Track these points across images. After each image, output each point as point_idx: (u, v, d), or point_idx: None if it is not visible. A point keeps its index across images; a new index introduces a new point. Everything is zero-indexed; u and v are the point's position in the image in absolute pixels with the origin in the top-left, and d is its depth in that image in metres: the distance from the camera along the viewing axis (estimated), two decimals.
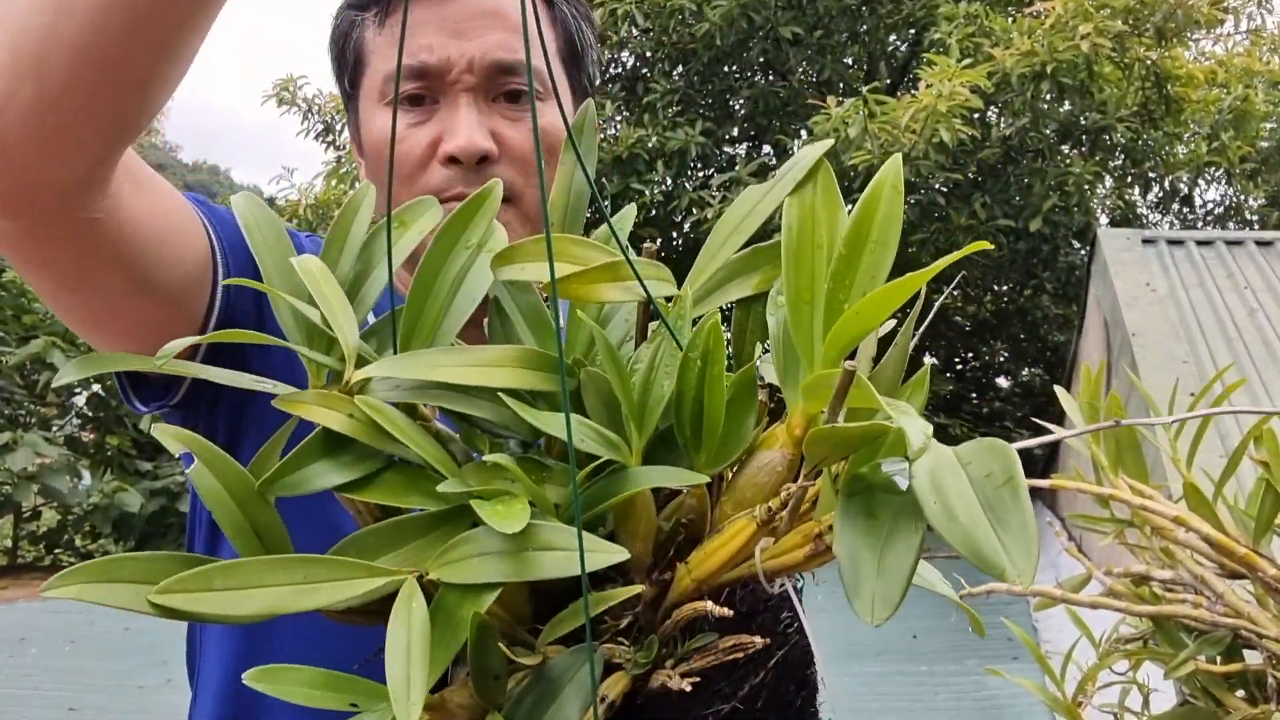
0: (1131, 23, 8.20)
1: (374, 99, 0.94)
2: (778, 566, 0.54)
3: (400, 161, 0.90)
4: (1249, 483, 0.73)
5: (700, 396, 0.54)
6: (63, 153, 0.67)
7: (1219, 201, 11.88)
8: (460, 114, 0.89)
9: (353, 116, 0.99)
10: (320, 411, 0.52)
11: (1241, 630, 0.68)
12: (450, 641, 0.48)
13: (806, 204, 0.58)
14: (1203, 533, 0.68)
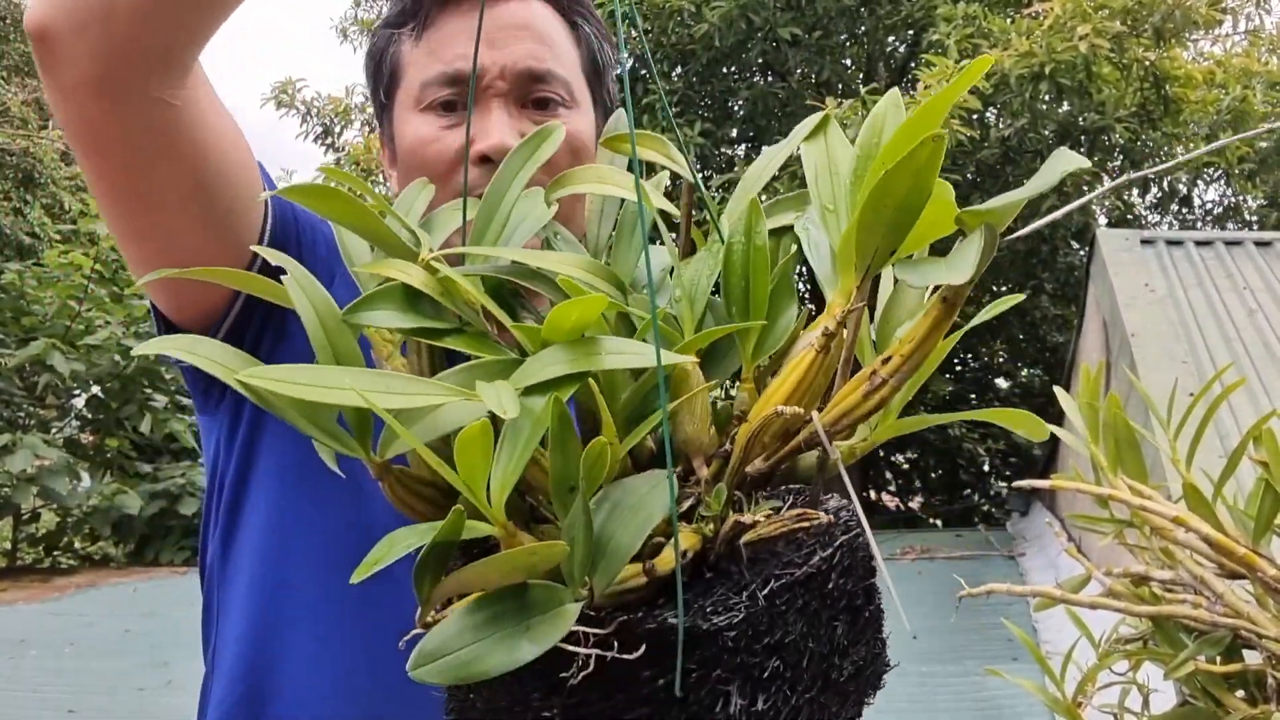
0: (1130, 23, 8.20)
1: (409, 106, 0.99)
2: (839, 414, 0.56)
3: (434, 162, 0.96)
4: (1248, 483, 0.73)
5: (746, 272, 0.60)
6: (164, 24, 0.76)
7: (1217, 202, 11.90)
8: (493, 117, 0.96)
9: (386, 129, 1.04)
10: (401, 271, 0.58)
11: (1241, 630, 0.68)
12: (531, 437, 0.51)
13: (819, 145, 0.68)
14: (1202, 533, 0.68)
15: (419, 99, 0.98)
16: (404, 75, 1.00)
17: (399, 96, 1.01)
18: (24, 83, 21.22)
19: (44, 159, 16.67)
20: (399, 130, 1.01)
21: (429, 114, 0.98)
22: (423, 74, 0.98)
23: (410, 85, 0.99)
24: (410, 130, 0.98)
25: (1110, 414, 0.76)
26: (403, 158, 1.00)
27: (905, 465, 16.23)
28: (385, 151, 1.07)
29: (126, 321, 11.28)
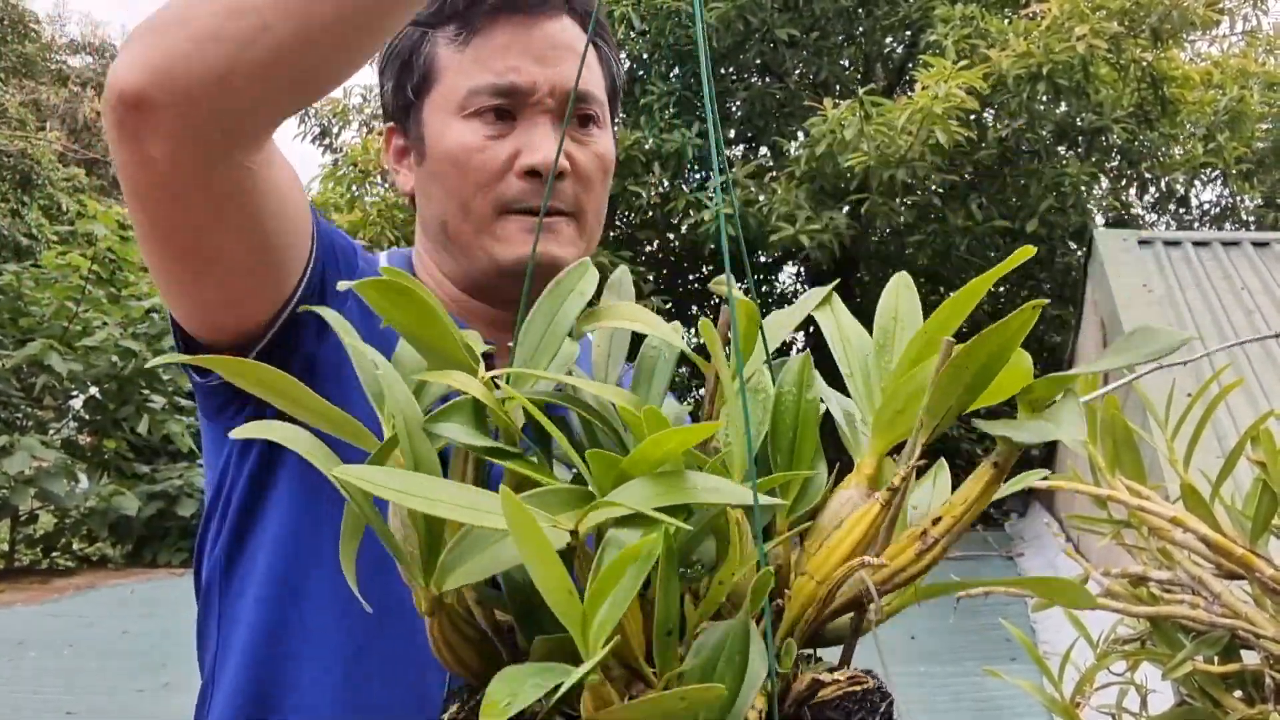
0: (1127, 24, 8.21)
1: (449, 110, 0.99)
2: (891, 572, 0.58)
3: (478, 170, 0.97)
4: (1246, 483, 0.74)
5: (796, 423, 0.63)
6: (280, 96, 0.78)
7: (1215, 202, 11.90)
8: (540, 132, 0.97)
9: (410, 127, 1.03)
10: (466, 385, 0.58)
11: (1239, 630, 0.68)
12: (639, 573, 0.47)
13: (829, 316, 0.74)
14: (1200, 533, 0.68)
15: (463, 105, 0.98)
16: (441, 77, 1.00)
17: (433, 97, 1.00)
18: (21, 84, 21.21)
19: (41, 160, 16.66)
20: (434, 131, 1.00)
21: (473, 121, 0.98)
22: (469, 81, 0.97)
23: (451, 89, 0.99)
24: (454, 136, 0.98)
25: (1108, 415, 0.77)
26: (439, 161, 0.99)
27: None
28: (394, 148, 1.07)
29: (124, 322, 11.26)
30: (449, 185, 0.98)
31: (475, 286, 1.02)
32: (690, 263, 11.78)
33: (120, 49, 0.77)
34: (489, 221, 0.98)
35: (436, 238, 1.03)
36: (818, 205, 8.34)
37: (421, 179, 1.02)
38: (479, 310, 1.03)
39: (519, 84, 0.97)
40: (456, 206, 0.98)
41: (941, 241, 9.09)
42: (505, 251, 0.98)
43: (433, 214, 1.01)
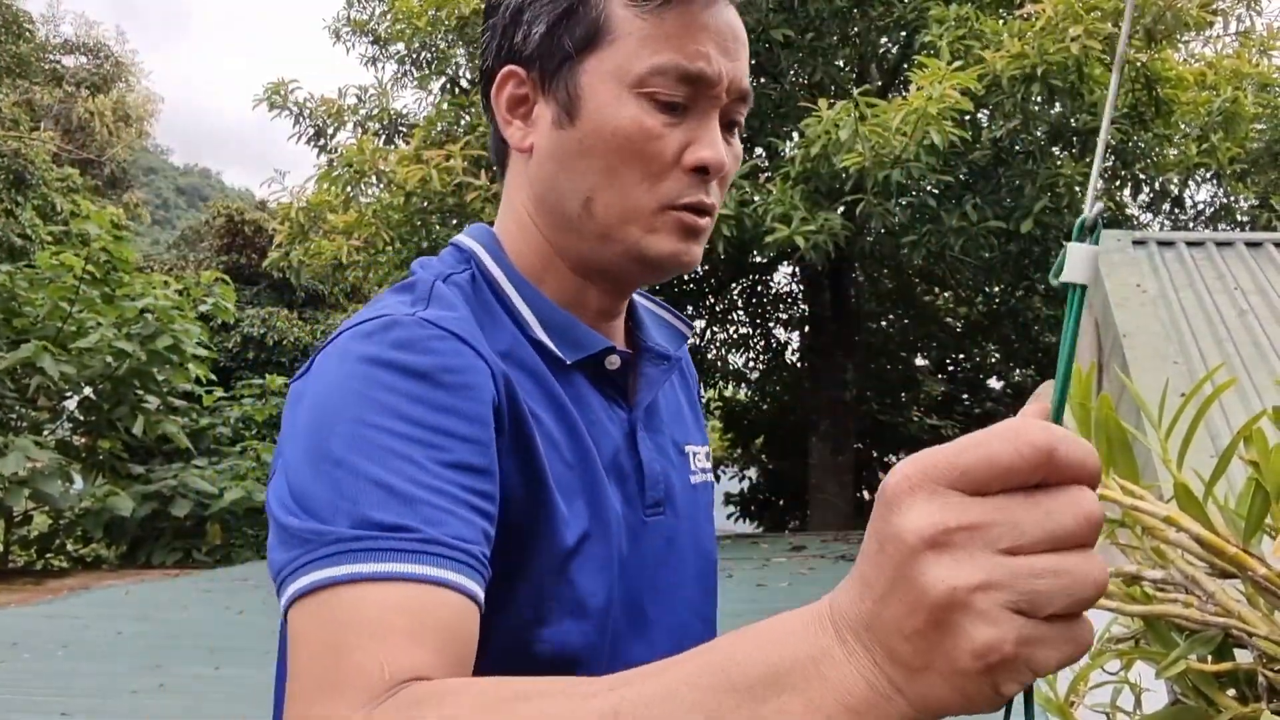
0: (1121, 24, 8.22)
1: (619, 80, 0.89)
2: None
3: (651, 159, 0.89)
4: (1239, 482, 0.74)
5: None
6: None
7: (1209, 202, 11.93)
8: (713, 127, 0.91)
9: (560, 81, 0.91)
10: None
11: (1232, 629, 0.68)
12: None
13: None
14: (1193, 532, 0.69)
15: (639, 80, 0.88)
16: (615, 40, 0.89)
17: (601, 59, 0.89)
18: (15, 84, 21.16)
19: (36, 160, 16.62)
20: (600, 101, 0.89)
21: (646, 102, 0.88)
22: (655, 57, 0.88)
23: (629, 58, 0.88)
24: (629, 114, 0.88)
25: (1102, 414, 0.77)
26: (602, 136, 0.89)
27: None
28: (509, 95, 0.94)
29: (118, 322, 11.24)
30: (609, 165, 0.89)
31: (597, 271, 0.94)
32: None
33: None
34: (647, 214, 0.90)
35: (563, 213, 0.92)
36: (813, 206, 8.34)
37: (563, 146, 0.91)
38: (589, 296, 0.95)
39: (707, 73, 0.89)
40: (615, 191, 0.89)
41: (936, 242, 9.11)
42: (656, 246, 0.90)
43: (572, 188, 0.91)
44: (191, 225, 26.60)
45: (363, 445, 0.74)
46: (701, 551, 1.02)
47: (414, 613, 0.67)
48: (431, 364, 0.79)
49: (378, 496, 0.71)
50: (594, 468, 0.89)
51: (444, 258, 0.95)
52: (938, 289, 14.75)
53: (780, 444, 15.63)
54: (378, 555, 0.69)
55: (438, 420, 0.77)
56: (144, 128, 27.07)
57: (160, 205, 59.66)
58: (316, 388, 0.79)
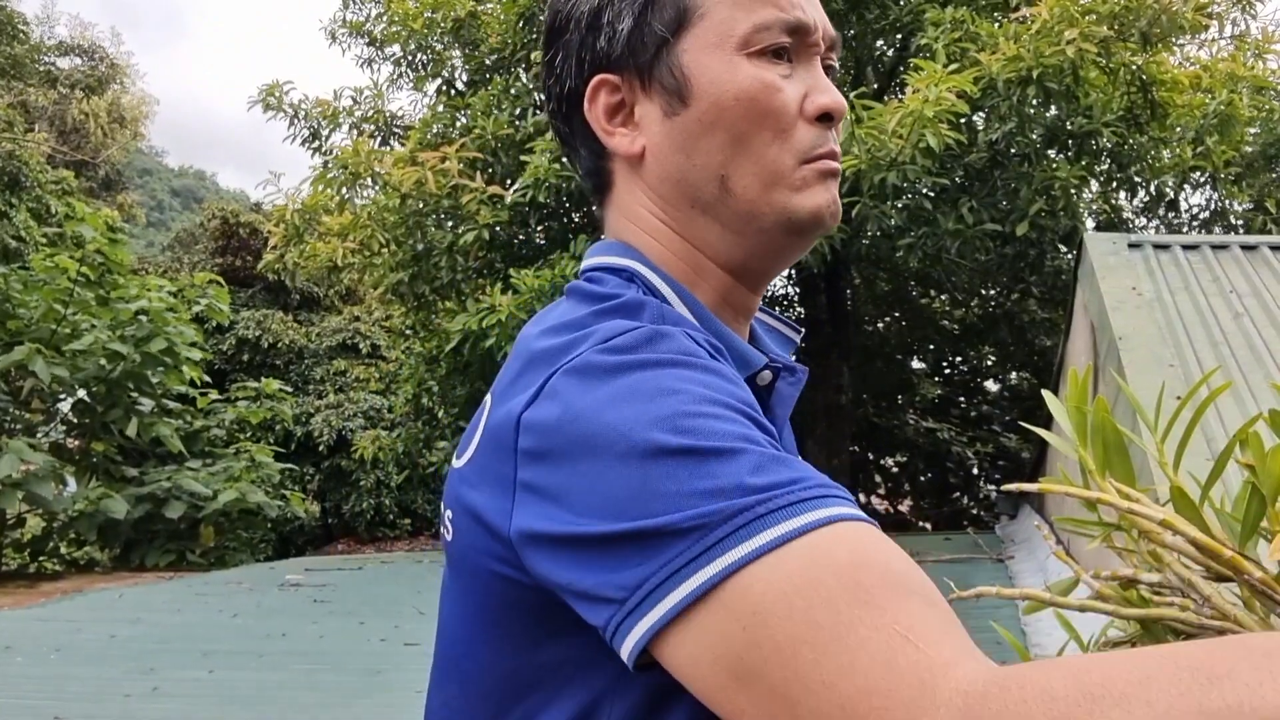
0: (1117, 28, 8.24)
1: (731, 48, 0.86)
2: None
3: (779, 112, 0.86)
4: (1235, 486, 0.74)
5: None
6: None
7: (1204, 206, 11.95)
8: (819, 74, 0.89)
9: (660, 71, 0.88)
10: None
11: (1228, 632, 0.68)
12: None
13: None
14: (1189, 536, 0.68)
15: (746, 40, 0.86)
16: (705, 13, 0.87)
17: (697, 34, 0.87)
18: (9, 85, 21.14)
19: (30, 162, 16.59)
20: (713, 72, 0.86)
21: (758, 59, 0.86)
22: (753, 15, 0.86)
23: (727, 24, 0.86)
24: (747, 74, 0.85)
25: (1098, 417, 0.76)
26: (725, 105, 0.86)
27: (894, 469, 16.28)
28: (604, 106, 0.90)
29: (113, 325, 11.22)
30: (737, 133, 0.85)
31: (744, 259, 0.89)
32: None
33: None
34: (789, 173, 0.86)
35: (700, 201, 0.87)
36: None
37: (683, 131, 0.87)
38: (736, 296, 0.91)
39: (806, 22, 0.87)
40: (751, 159, 0.85)
41: (932, 244, 9.11)
42: (808, 203, 0.86)
43: (703, 171, 0.87)
44: (186, 227, 26.55)
45: (702, 429, 0.66)
46: None
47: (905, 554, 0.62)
48: (719, 367, 0.74)
49: (751, 462, 0.64)
50: None
51: (606, 280, 0.88)
52: (933, 292, 14.76)
53: None
54: (828, 501, 0.63)
55: (746, 408, 0.71)
56: (139, 129, 27.04)
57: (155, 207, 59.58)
58: (602, 397, 0.69)
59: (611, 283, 0.87)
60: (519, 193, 9.12)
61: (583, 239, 9.22)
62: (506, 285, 8.91)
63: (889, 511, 15.93)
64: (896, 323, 15.70)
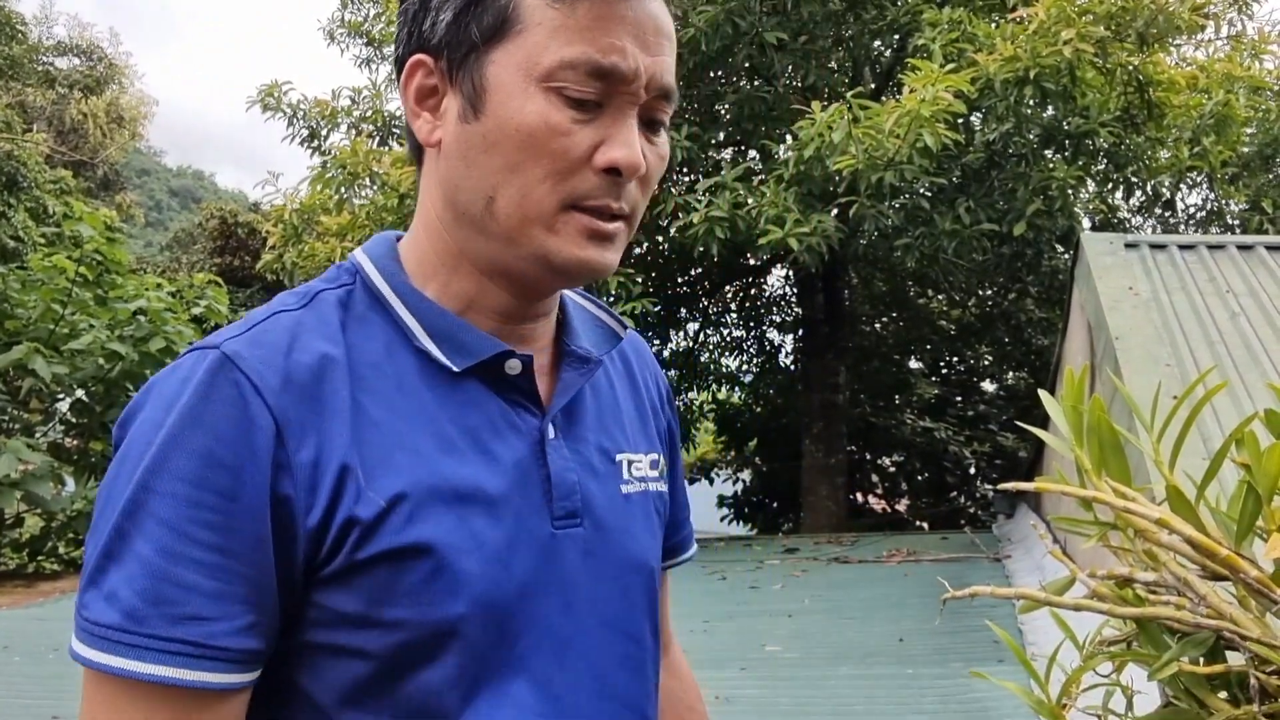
0: (1114, 28, 8.25)
1: (532, 75, 0.84)
2: None
3: (558, 156, 0.84)
4: (1231, 485, 0.74)
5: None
6: None
7: (1201, 206, 11.97)
8: (628, 126, 0.86)
9: (467, 73, 0.87)
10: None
11: (1224, 632, 0.68)
12: None
13: None
14: (1185, 535, 0.69)
15: (547, 74, 0.83)
16: (526, 30, 0.84)
17: (509, 50, 0.84)
18: (8, 86, 21.11)
19: (28, 162, 16.57)
20: (506, 94, 0.84)
21: (555, 97, 0.83)
22: (565, 49, 0.83)
23: (537, 50, 0.83)
24: (535, 110, 0.83)
25: (1094, 417, 0.77)
26: (507, 132, 0.84)
27: (891, 468, 16.28)
28: (418, 86, 0.90)
29: (111, 325, 11.21)
30: (513, 162, 0.84)
31: (504, 273, 0.90)
32: (680, 265, 11.80)
33: None
34: (551, 215, 0.85)
35: (470, 213, 0.87)
36: (806, 208, 8.35)
37: (468, 140, 0.86)
38: (491, 297, 0.91)
39: (622, 69, 0.83)
40: (516, 188, 0.84)
41: (929, 244, 9.12)
42: (561, 250, 0.86)
43: (476, 186, 0.86)
44: (185, 227, 26.54)
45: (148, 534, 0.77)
46: (632, 565, 0.97)
47: None
48: (203, 445, 0.78)
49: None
50: (453, 482, 0.85)
51: (327, 273, 0.93)
52: (931, 291, 14.77)
53: (773, 446, 15.64)
54: (110, 647, 0.78)
55: (198, 533, 0.78)
56: (137, 129, 27.02)
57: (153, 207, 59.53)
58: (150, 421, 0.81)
59: (329, 275, 0.93)
60: None
61: None
62: None
63: (886, 511, 15.93)
64: (894, 322, 15.71)
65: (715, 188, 8.90)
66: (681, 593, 7.42)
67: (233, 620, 0.78)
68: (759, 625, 5.92)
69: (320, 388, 0.82)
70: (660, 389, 1.14)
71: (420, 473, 0.83)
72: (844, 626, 5.73)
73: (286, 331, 0.84)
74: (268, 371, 0.81)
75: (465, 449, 0.86)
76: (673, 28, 0.89)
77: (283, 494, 0.79)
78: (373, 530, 0.80)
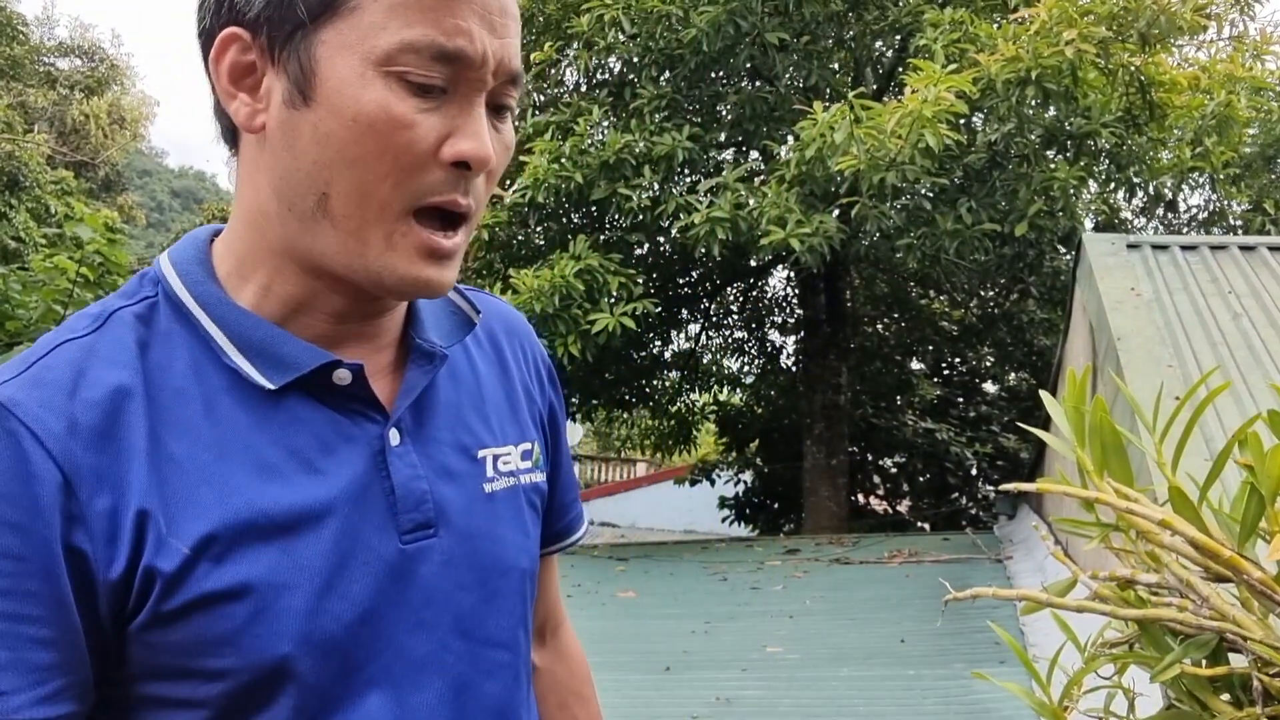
0: (1116, 29, 8.24)
1: (369, 59, 0.75)
2: None
3: (403, 152, 0.76)
4: (1234, 486, 0.74)
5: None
6: None
7: (1203, 206, 11.96)
8: (476, 115, 0.79)
9: (292, 52, 0.77)
10: None
11: (1226, 633, 0.68)
12: None
13: None
14: (1188, 536, 0.68)
15: (388, 58, 0.75)
16: (359, 8, 0.75)
17: (341, 30, 0.76)
18: (9, 86, 21.13)
19: (29, 163, 16.59)
20: (340, 79, 0.76)
21: (395, 83, 0.75)
22: (406, 31, 0.75)
23: (373, 31, 0.75)
24: (374, 98, 0.75)
25: (1096, 418, 0.76)
26: (343, 121, 0.76)
27: (893, 469, 16.26)
28: (231, 63, 0.79)
29: None
30: (349, 156, 0.76)
31: (332, 276, 0.81)
32: (681, 266, 11.80)
33: None
34: (394, 220, 0.78)
35: (299, 208, 0.78)
36: (808, 208, 8.35)
37: (295, 129, 0.77)
38: (323, 300, 0.83)
39: (468, 53, 0.76)
40: (354, 186, 0.76)
41: (931, 245, 9.11)
42: (396, 268, 0.79)
43: (306, 180, 0.77)
44: (186, 228, 26.56)
45: None
46: (498, 569, 0.91)
47: None
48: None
49: None
50: (272, 513, 0.78)
51: (126, 286, 0.84)
52: (932, 292, 14.76)
53: (774, 447, 15.63)
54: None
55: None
56: (139, 130, 27.03)
57: (155, 208, 59.59)
58: None
59: (128, 289, 0.84)
60: (518, 193, 9.13)
61: (582, 239, 9.22)
62: (506, 286, 8.91)
63: (887, 512, 15.92)
64: (895, 323, 15.70)
65: (717, 188, 8.90)
66: (683, 593, 7.43)
67: (33, 690, 0.70)
68: (760, 626, 5.91)
69: (114, 426, 0.74)
70: (539, 368, 1.06)
71: (231, 508, 0.76)
72: (845, 628, 5.72)
73: (71, 366, 0.76)
74: (49, 416, 0.73)
75: (290, 473, 0.79)
76: (518, 8, 0.82)
77: (77, 548, 0.72)
78: (179, 580, 0.74)
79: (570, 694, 1.17)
